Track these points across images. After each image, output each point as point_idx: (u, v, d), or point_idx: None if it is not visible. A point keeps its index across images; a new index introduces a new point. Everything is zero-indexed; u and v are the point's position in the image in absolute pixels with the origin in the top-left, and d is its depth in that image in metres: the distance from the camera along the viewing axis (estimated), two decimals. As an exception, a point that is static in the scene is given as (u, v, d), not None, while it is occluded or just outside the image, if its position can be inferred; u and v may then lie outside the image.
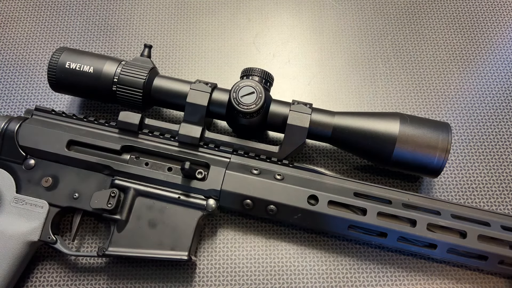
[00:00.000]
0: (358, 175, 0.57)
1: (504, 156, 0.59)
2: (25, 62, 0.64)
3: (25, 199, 0.50)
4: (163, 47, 0.66)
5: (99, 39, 0.66)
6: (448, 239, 0.47)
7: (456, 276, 0.52)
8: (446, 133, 0.49)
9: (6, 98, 0.62)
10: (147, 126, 0.53)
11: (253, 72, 0.52)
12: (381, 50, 0.66)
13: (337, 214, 0.48)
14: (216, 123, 0.60)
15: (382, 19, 0.68)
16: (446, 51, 0.66)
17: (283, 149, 0.51)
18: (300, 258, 0.53)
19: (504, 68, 0.64)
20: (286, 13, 0.69)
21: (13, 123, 0.51)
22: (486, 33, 0.67)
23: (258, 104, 0.49)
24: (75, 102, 0.61)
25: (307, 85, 0.64)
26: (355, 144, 0.51)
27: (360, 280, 0.51)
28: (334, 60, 0.65)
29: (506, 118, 0.61)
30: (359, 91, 0.63)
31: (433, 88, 0.63)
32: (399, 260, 0.53)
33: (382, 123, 0.50)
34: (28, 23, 0.67)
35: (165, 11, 0.69)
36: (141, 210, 0.50)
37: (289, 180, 0.50)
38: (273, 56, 0.66)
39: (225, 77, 0.64)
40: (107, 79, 0.52)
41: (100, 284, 0.51)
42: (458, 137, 0.60)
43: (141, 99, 0.52)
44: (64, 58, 0.53)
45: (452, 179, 0.57)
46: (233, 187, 0.49)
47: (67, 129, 0.52)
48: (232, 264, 0.52)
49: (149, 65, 0.54)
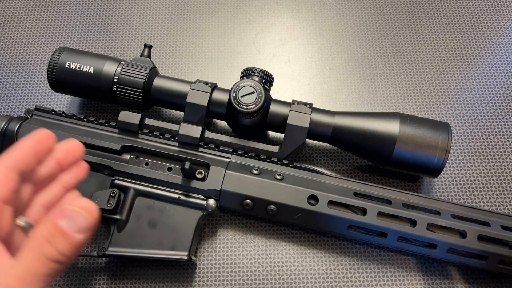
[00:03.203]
0: (358, 175, 0.57)
1: (504, 156, 0.59)
2: (25, 62, 0.64)
3: (25, 199, 0.50)
4: (163, 47, 0.66)
5: (99, 39, 0.66)
6: (448, 239, 0.47)
7: (456, 276, 0.52)
8: (446, 133, 0.49)
9: (6, 98, 0.62)
10: (147, 126, 0.53)
11: (253, 72, 0.52)
12: (381, 50, 0.66)
13: (337, 214, 0.48)
14: (216, 123, 0.60)
15: (382, 19, 0.68)
16: (446, 51, 0.66)
17: (283, 149, 0.51)
18: (300, 258, 0.53)
19: (504, 68, 0.64)
20: (286, 13, 0.69)
21: (13, 123, 0.51)
22: (486, 33, 0.67)
23: (258, 104, 0.49)
24: (75, 102, 0.61)
25: (307, 85, 0.64)
26: (355, 144, 0.51)
27: (360, 280, 0.51)
28: (334, 60, 0.65)
29: (506, 118, 0.61)
30: (359, 91, 0.63)
31: (433, 88, 0.63)
32: (399, 260, 0.53)
33: (382, 123, 0.50)
34: (28, 23, 0.67)
35: (165, 11, 0.69)
36: (141, 210, 0.50)
37: (289, 180, 0.50)
38: (273, 56, 0.66)
39: (225, 77, 0.64)
40: (107, 79, 0.52)
41: (100, 284, 0.51)
42: (458, 137, 0.60)
43: (141, 99, 0.52)
44: (64, 58, 0.53)
45: (452, 179, 0.57)
46: (233, 187, 0.49)
47: (67, 129, 0.52)
48: (232, 264, 0.52)
49: (149, 65, 0.54)
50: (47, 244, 0.31)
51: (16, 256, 0.32)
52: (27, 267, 0.31)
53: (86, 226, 0.33)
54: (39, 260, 0.31)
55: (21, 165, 0.35)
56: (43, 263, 0.31)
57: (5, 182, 0.34)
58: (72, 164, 0.40)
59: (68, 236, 0.32)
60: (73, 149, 0.40)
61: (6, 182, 0.34)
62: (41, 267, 0.31)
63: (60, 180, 0.39)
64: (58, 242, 0.32)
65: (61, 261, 0.32)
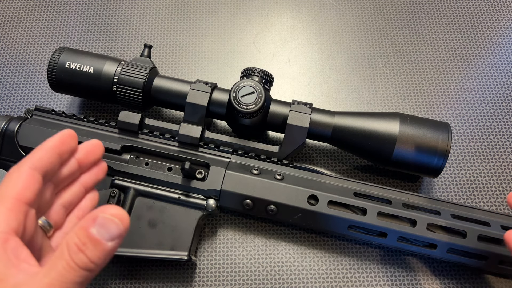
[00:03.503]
0: (358, 175, 0.57)
1: (504, 156, 0.59)
2: (25, 62, 0.64)
3: (25, 199, 0.50)
4: (163, 47, 0.66)
5: (99, 39, 0.66)
6: (448, 239, 0.47)
7: (456, 276, 0.52)
8: (446, 133, 0.49)
9: (6, 98, 0.62)
10: (147, 126, 0.53)
11: (253, 72, 0.52)
12: (381, 50, 0.66)
13: (337, 214, 0.48)
14: (216, 123, 0.60)
15: (382, 19, 0.68)
16: (446, 51, 0.66)
17: (283, 149, 0.51)
18: (300, 258, 0.53)
19: (504, 68, 0.64)
20: (286, 13, 0.69)
21: (13, 123, 0.51)
22: (486, 33, 0.67)
23: (258, 104, 0.49)
24: (75, 102, 0.61)
25: (307, 85, 0.64)
26: (355, 144, 0.51)
27: (360, 280, 0.51)
28: (334, 60, 0.65)
29: (506, 118, 0.61)
30: (359, 91, 0.63)
31: (433, 88, 0.63)
32: (399, 260, 0.53)
33: (382, 123, 0.50)
34: (28, 23, 0.67)
35: (165, 11, 0.69)
36: (141, 210, 0.50)
37: (289, 180, 0.50)
38: (273, 56, 0.66)
39: (225, 77, 0.64)
40: (107, 79, 0.52)
41: (100, 284, 0.51)
42: (458, 137, 0.60)
43: (141, 99, 0.52)
44: (64, 58, 0.53)
45: (452, 179, 0.57)
46: (233, 187, 0.49)
47: (67, 129, 0.52)
48: (232, 264, 0.52)
49: (149, 65, 0.54)
50: (78, 251, 0.31)
51: (46, 263, 0.31)
52: (58, 275, 0.30)
53: (118, 234, 0.32)
54: (70, 267, 0.30)
55: (45, 166, 0.35)
56: (74, 271, 0.31)
57: (30, 184, 0.33)
58: (93, 164, 0.40)
59: (100, 244, 0.31)
60: (94, 149, 0.40)
61: (31, 184, 0.33)
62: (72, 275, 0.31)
63: (80, 180, 0.39)
64: (89, 250, 0.31)
65: (91, 269, 0.31)
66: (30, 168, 0.34)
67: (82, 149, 0.39)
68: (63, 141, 0.37)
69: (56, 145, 0.36)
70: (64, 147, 0.37)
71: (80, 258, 0.31)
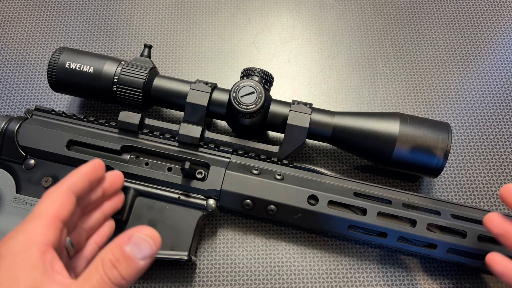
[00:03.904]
0: (358, 175, 0.57)
1: (504, 156, 0.59)
2: (25, 62, 0.64)
3: (25, 199, 0.50)
4: (163, 47, 0.66)
5: (99, 39, 0.66)
6: (448, 239, 0.47)
7: (456, 276, 0.52)
8: (446, 133, 0.49)
9: (6, 98, 0.62)
10: (147, 126, 0.53)
11: (253, 72, 0.52)
12: (381, 50, 0.66)
13: (337, 214, 0.48)
14: (216, 123, 0.60)
15: (382, 19, 0.68)
16: (446, 51, 0.66)
17: (283, 149, 0.51)
18: (300, 258, 0.53)
19: (504, 68, 0.64)
20: (286, 13, 0.69)
21: (13, 123, 0.51)
22: (486, 33, 0.67)
23: (258, 104, 0.49)
24: (75, 102, 0.61)
25: (307, 85, 0.64)
26: (355, 144, 0.51)
27: (360, 280, 0.51)
28: (334, 60, 0.65)
29: (506, 118, 0.61)
30: (359, 91, 0.63)
31: (433, 88, 0.63)
32: (399, 260, 0.53)
33: (382, 123, 0.50)
34: (28, 23, 0.67)
35: (165, 11, 0.69)
36: (141, 210, 0.50)
37: (289, 180, 0.50)
38: (273, 56, 0.66)
39: (225, 77, 0.64)
40: (107, 79, 0.52)
41: (100, 284, 0.51)
42: (458, 137, 0.60)
43: (141, 99, 0.52)
44: (64, 58, 0.53)
45: (452, 179, 0.57)
46: (233, 187, 0.49)
47: (67, 129, 0.52)
48: (232, 264, 0.52)
49: (149, 65, 0.54)
50: (112, 267, 0.33)
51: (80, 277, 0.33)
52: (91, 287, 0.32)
53: (150, 254, 0.35)
54: (103, 281, 0.32)
55: (79, 190, 0.38)
56: (106, 285, 0.32)
57: (66, 204, 0.36)
58: (114, 194, 0.45)
59: (133, 261, 0.34)
60: (117, 180, 0.44)
61: (67, 203, 0.37)
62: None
63: (102, 207, 0.43)
64: (122, 266, 0.33)
65: (121, 285, 0.33)
66: (68, 189, 0.37)
67: (107, 178, 0.43)
68: (94, 169, 0.40)
69: (88, 172, 0.40)
70: (94, 175, 0.40)
71: (113, 273, 0.33)
